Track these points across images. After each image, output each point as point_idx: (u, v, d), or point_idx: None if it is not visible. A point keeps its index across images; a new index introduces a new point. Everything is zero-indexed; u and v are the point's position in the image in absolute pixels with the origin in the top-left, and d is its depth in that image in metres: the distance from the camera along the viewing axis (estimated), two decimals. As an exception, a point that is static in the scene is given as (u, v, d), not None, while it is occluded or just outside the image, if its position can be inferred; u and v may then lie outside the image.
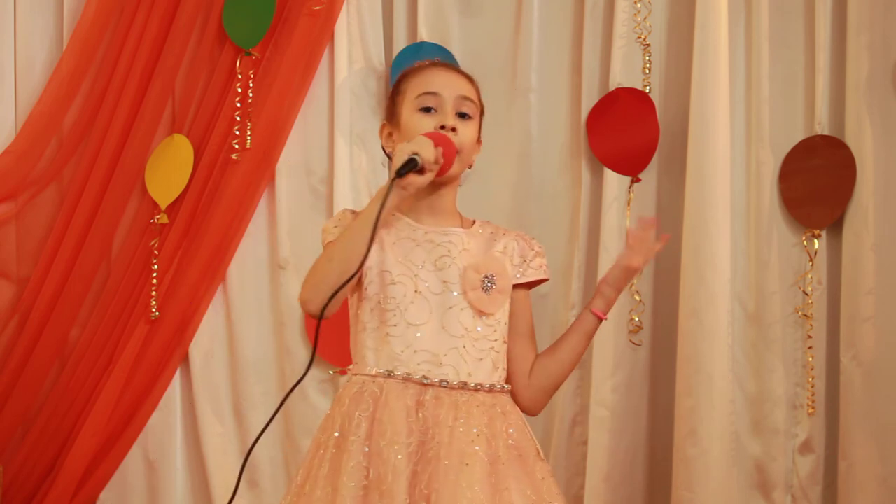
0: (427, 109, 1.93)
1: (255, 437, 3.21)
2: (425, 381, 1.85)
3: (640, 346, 3.05)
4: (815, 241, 2.96)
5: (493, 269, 1.92)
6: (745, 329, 3.01)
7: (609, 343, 3.02)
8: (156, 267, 3.22)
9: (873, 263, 2.84)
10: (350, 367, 1.97)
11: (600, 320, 1.98)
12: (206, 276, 3.21)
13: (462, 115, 1.93)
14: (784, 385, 2.97)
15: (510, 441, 1.86)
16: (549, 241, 3.12)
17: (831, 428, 2.95)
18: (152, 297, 3.21)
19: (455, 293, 1.89)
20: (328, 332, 3.13)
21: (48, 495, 3.18)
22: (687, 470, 2.90)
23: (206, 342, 3.26)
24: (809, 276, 2.96)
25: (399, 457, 1.78)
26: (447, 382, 1.85)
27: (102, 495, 3.26)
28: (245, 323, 3.26)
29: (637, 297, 3.05)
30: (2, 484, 3.19)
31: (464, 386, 1.86)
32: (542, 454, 1.91)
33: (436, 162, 1.83)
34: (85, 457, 3.17)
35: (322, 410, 3.17)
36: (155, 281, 3.21)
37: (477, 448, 1.80)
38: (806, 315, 2.96)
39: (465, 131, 1.93)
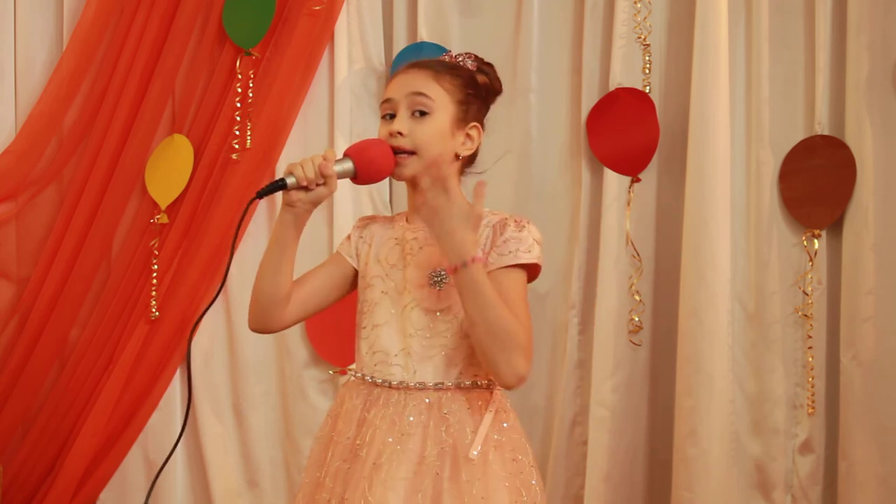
0: (388, 116, 1.93)
1: (255, 437, 3.26)
2: (374, 382, 1.88)
3: (640, 346, 3.05)
4: (815, 241, 2.96)
5: (443, 263, 1.87)
6: (745, 329, 3.01)
7: (609, 343, 3.02)
8: (156, 267, 3.22)
9: (873, 263, 2.84)
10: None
11: (454, 269, 1.77)
12: (206, 276, 3.22)
13: (420, 113, 1.90)
14: (784, 385, 2.97)
15: (448, 441, 1.82)
16: (549, 241, 3.12)
17: (831, 428, 2.95)
18: (152, 297, 3.21)
19: (406, 292, 1.90)
20: (328, 333, 3.16)
21: (48, 495, 3.18)
22: (687, 470, 2.90)
23: (206, 342, 3.27)
24: (809, 276, 2.96)
25: (333, 457, 1.86)
26: (389, 382, 1.87)
27: (102, 495, 3.27)
28: (245, 323, 3.24)
29: (637, 297, 3.05)
30: (2, 484, 3.19)
31: (403, 385, 1.86)
32: (475, 453, 1.81)
33: (321, 175, 1.83)
34: (85, 457, 3.17)
35: (322, 410, 3.19)
36: (155, 281, 3.21)
37: (398, 447, 1.80)
38: (806, 315, 2.96)
39: (420, 129, 1.89)
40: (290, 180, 1.84)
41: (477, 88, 1.96)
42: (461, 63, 1.98)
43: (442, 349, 1.87)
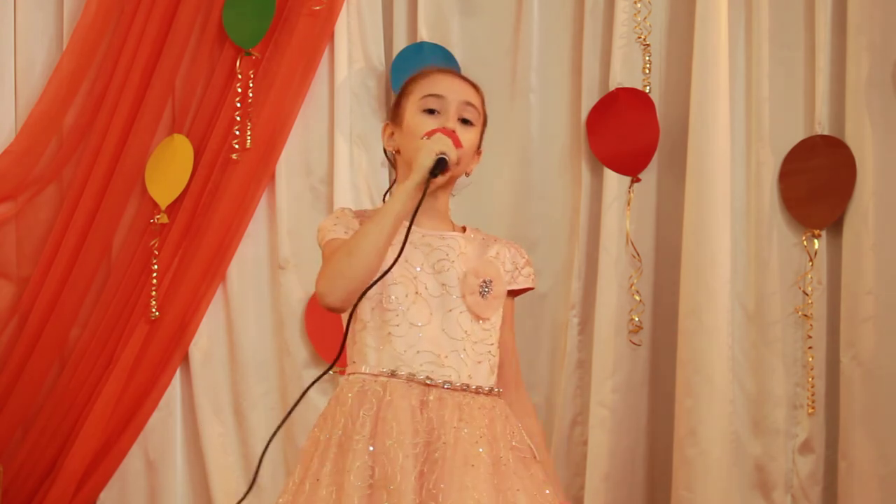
0: (431, 111, 1.94)
1: (255, 437, 3.26)
2: (429, 382, 1.85)
3: (640, 346, 3.05)
4: (815, 241, 2.96)
5: (491, 274, 1.94)
6: (745, 329, 3.01)
7: (609, 343, 3.01)
8: (156, 267, 3.22)
9: (873, 263, 2.84)
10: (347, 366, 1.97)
11: None
12: (206, 276, 3.21)
13: (464, 121, 1.94)
14: (784, 385, 2.97)
15: (513, 443, 1.87)
16: (549, 241, 3.14)
17: (831, 428, 2.95)
18: (152, 297, 3.21)
19: (454, 296, 1.90)
20: (329, 333, 3.15)
21: (48, 495, 3.18)
22: (687, 470, 2.90)
23: (205, 342, 3.26)
24: (809, 276, 2.96)
25: (406, 456, 1.77)
26: (450, 384, 1.86)
27: (102, 495, 3.26)
28: (245, 323, 3.26)
29: (637, 297, 3.04)
30: (2, 484, 3.19)
31: (466, 388, 1.87)
32: (537, 456, 1.92)
33: (457, 162, 1.87)
34: (85, 457, 3.17)
35: (322, 409, 3.18)
36: (155, 281, 3.21)
37: (480, 450, 1.80)
38: (806, 315, 2.96)
39: (466, 136, 1.93)
40: (447, 158, 1.85)
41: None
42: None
43: (488, 355, 1.92)
